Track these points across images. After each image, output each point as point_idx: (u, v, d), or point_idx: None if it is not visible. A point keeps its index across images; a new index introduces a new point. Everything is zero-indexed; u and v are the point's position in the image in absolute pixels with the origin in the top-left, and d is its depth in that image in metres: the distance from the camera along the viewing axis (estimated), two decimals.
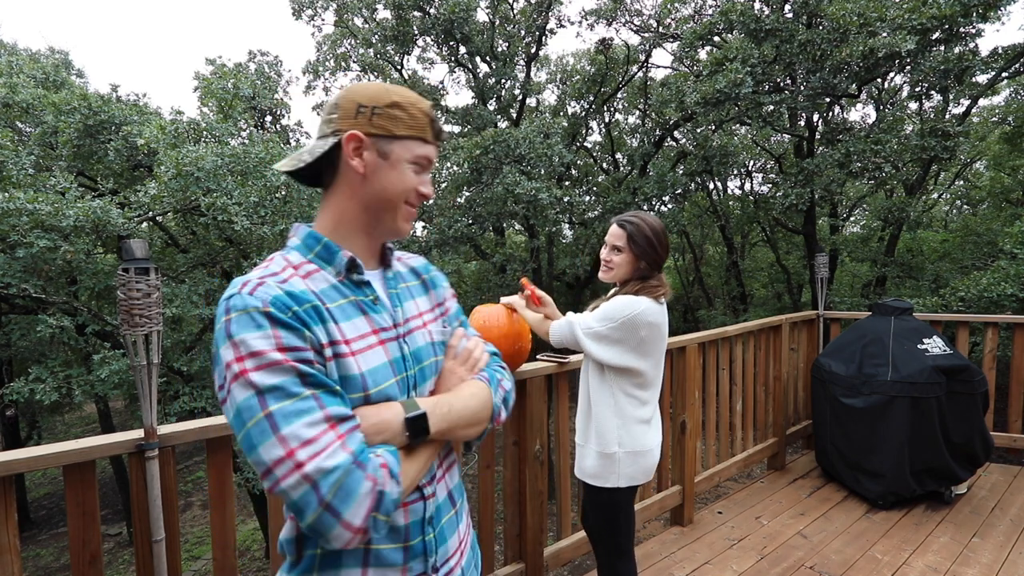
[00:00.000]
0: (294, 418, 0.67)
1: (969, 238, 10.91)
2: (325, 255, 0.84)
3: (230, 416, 0.70)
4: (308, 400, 0.69)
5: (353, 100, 0.82)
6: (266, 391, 0.68)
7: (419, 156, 0.86)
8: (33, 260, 6.03)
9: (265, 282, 0.75)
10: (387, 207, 0.86)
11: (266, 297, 0.72)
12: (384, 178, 0.84)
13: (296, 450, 0.66)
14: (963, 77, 7.91)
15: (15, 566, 1.25)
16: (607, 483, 1.72)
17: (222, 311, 0.72)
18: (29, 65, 9.08)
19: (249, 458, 0.69)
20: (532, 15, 10.73)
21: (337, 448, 0.68)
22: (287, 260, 0.82)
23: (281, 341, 0.70)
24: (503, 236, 13.31)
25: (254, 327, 0.70)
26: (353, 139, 0.81)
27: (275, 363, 0.69)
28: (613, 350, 1.68)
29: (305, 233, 0.86)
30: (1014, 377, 3.56)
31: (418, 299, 0.96)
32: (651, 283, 1.72)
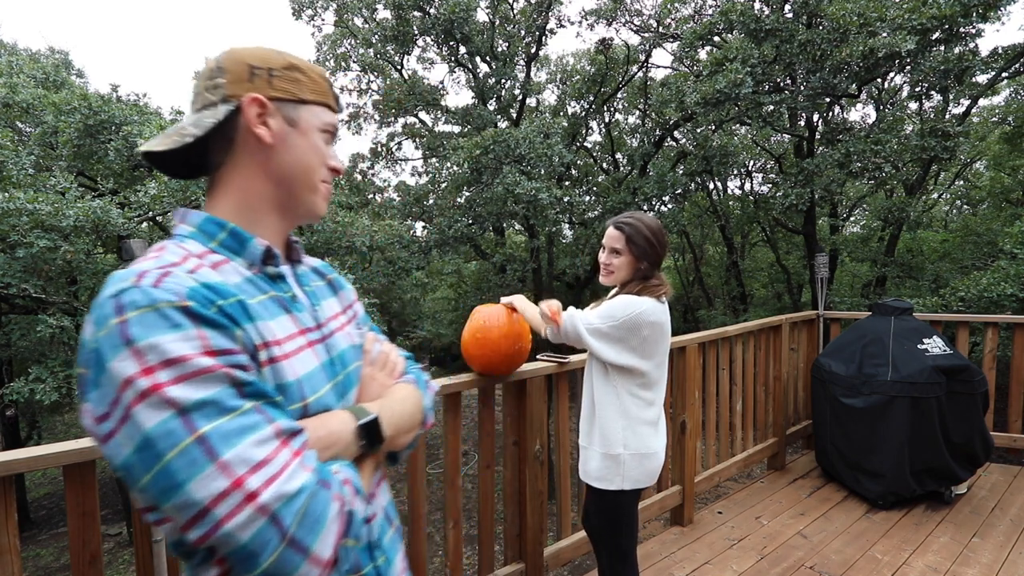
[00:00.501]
0: (237, 438, 0.53)
1: (969, 238, 10.92)
2: (232, 244, 0.69)
3: (125, 453, 0.53)
4: (251, 414, 0.55)
5: (242, 61, 0.70)
6: (192, 408, 0.52)
7: (327, 124, 0.76)
8: (33, 260, 6.02)
9: (171, 271, 0.59)
10: (303, 182, 0.74)
11: (181, 289, 0.57)
12: (297, 148, 0.73)
13: (246, 477, 0.52)
14: (963, 77, 7.92)
15: (15, 566, 1.25)
16: (611, 485, 1.71)
17: (109, 311, 0.54)
18: (29, 65, 9.08)
19: (166, 503, 0.52)
20: (532, 15, 10.73)
21: (297, 467, 0.56)
22: (184, 249, 0.66)
23: (209, 342, 0.56)
24: (503, 236, 13.31)
25: (168, 327, 0.54)
26: (256, 103, 0.69)
27: (203, 371, 0.54)
28: (615, 348, 1.67)
29: (201, 219, 0.70)
30: (1014, 377, 3.56)
31: (330, 300, 0.85)
32: (652, 283, 1.72)
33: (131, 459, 0.53)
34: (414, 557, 1.95)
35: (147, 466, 0.52)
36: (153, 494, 0.53)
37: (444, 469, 2.05)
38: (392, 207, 11.83)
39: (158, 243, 0.67)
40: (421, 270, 11.16)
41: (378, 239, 8.97)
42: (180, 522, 0.53)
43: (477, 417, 2.18)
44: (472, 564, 6.66)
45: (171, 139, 0.68)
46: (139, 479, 0.53)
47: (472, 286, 14.27)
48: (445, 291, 17.21)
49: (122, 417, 0.53)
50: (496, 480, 2.22)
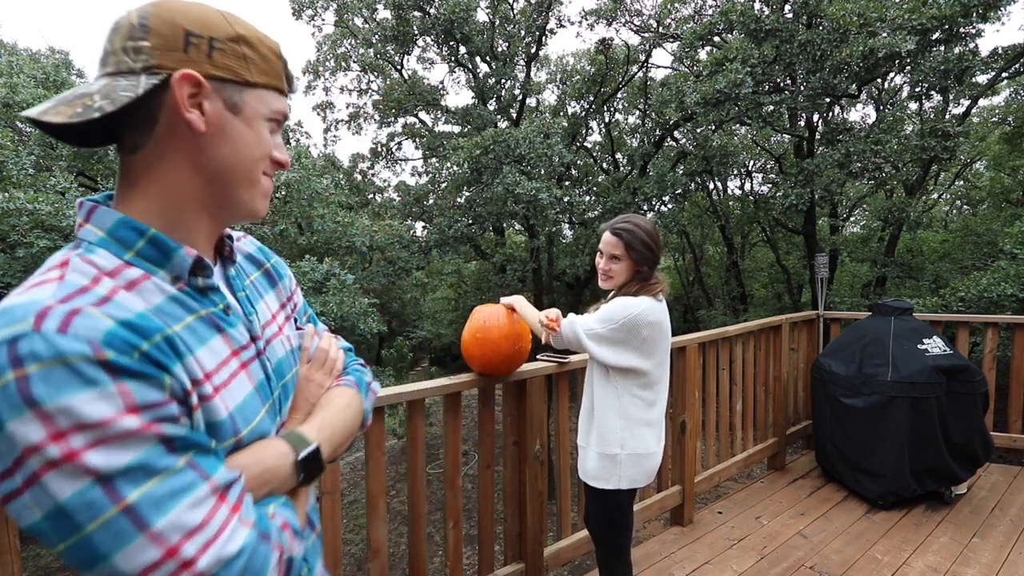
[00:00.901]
0: (169, 502, 0.48)
1: (969, 238, 10.92)
2: (154, 254, 0.58)
3: (33, 518, 0.46)
4: (184, 472, 0.50)
5: (175, 23, 0.56)
6: (116, 475, 0.46)
7: (276, 112, 0.64)
8: (33, 260, 6.03)
9: (80, 308, 0.49)
10: (242, 179, 0.62)
11: (95, 334, 0.47)
12: (237, 139, 0.61)
13: (181, 544, 0.48)
14: (963, 77, 7.92)
15: (15, 566, 1.25)
16: (608, 484, 1.72)
17: (5, 361, 0.45)
18: (29, 65, 9.08)
19: (87, 572, 0.47)
20: (532, 15, 10.73)
21: (236, 525, 0.52)
22: (93, 264, 0.54)
23: (132, 398, 0.48)
24: (503, 236, 13.31)
25: (81, 384, 0.46)
26: (190, 81, 0.56)
27: (127, 433, 0.47)
28: (615, 351, 1.68)
29: (114, 221, 0.57)
30: (1014, 377, 3.56)
31: (267, 297, 0.76)
32: (650, 283, 1.73)
33: (42, 525, 0.46)
34: (414, 557, 1.95)
35: (63, 535, 0.46)
36: (72, 561, 0.47)
37: (444, 469, 2.05)
38: (392, 207, 11.84)
39: (59, 254, 0.55)
40: (421, 270, 11.16)
41: (378, 239, 8.98)
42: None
43: (477, 417, 2.18)
44: (472, 564, 6.66)
45: (72, 109, 0.53)
46: (54, 544, 0.47)
47: (472, 286, 14.27)
48: (445, 291, 17.21)
49: (27, 481, 0.45)
50: (496, 480, 2.22)
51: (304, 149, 9.69)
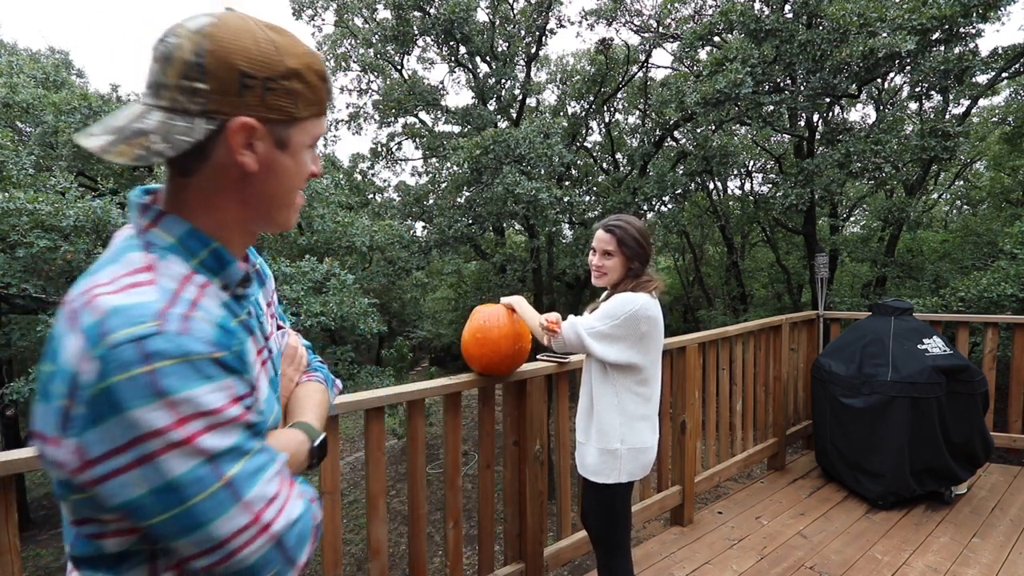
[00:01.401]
0: (255, 477, 0.57)
1: (969, 238, 10.92)
2: (213, 265, 0.63)
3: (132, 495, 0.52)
4: (261, 454, 0.59)
5: (231, 65, 0.57)
6: (219, 456, 0.54)
7: (316, 136, 0.67)
8: (33, 260, 6.03)
9: (192, 314, 0.56)
10: (281, 204, 0.67)
11: (208, 336, 0.56)
12: (281, 172, 0.64)
13: (262, 512, 0.57)
14: (963, 77, 7.92)
15: (15, 566, 1.25)
16: (609, 479, 1.76)
17: (132, 357, 0.51)
18: (29, 65, 9.08)
19: (184, 539, 0.54)
20: (532, 15, 10.73)
21: (295, 497, 0.62)
22: (173, 271, 0.60)
23: (234, 391, 0.57)
24: (503, 236, 13.31)
25: (200, 380, 0.53)
26: (245, 130, 0.59)
27: (232, 420, 0.56)
28: (617, 347, 1.71)
29: (184, 230, 0.62)
30: (1014, 377, 3.56)
31: (259, 297, 0.79)
32: (644, 279, 1.78)
33: (143, 500, 0.52)
34: (414, 557, 1.95)
35: (165, 507, 0.53)
36: (165, 531, 0.54)
37: (444, 469, 2.05)
38: (392, 207, 11.84)
39: (135, 253, 0.59)
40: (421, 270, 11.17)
41: (378, 239, 8.98)
42: (187, 552, 0.56)
43: (477, 417, 2.18)
44: (472, 564, 6.66)
45: (133, 150, 0.56)
46: (148, 518, 0.53)
47: (472, 286, 14.27)
48: (445, 291, 17.21)
49: (138, 461, 0.51)
50: (496, 480, 2.22)
51: None
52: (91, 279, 0.57)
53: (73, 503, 0.58)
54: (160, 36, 0.59)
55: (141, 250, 0.60)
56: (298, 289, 7.08)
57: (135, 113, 0.57)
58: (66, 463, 0.53)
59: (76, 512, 0.58)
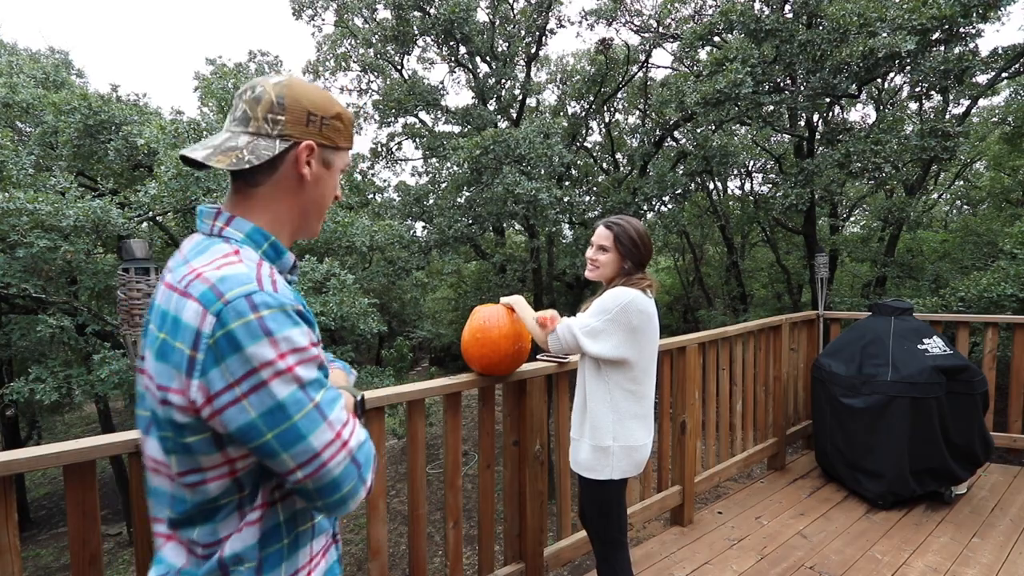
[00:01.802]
0: (333, 404, 0.75)
1: (969, 238, 10.91)
2: (272, 255, 0.84)
3: (256, 413, 0.68)
4: (333, 389, 0.77)
5: (303, 106, 0.82)
6: (308, 384, 0.72)
7: (346, 165, 0.93)
8: (33, 260, 6.03)
9: (276, 280, 0.76)
10: (319, 212, 0.91)
11: (290, 295, 0.76)
12: (324, 186, 0.88)
13: (341, 431, 0.75)
14: (963, 77, 7.91)
15: (15, 566, 1.25)
16: (601, 475, 1.78)
17: (245, 308, 0.69)
18: (29, 65, 9.08)
19: (287, 451, 0.70)
20: (532, 15, 10.73)
21: (358, 424, 0.80)
22: (250, 254, 0.79)
23: (312, 336, 0.76)
24: (503, 236, 13.31)
25: (292, 324, 0.72)
26: (309, 148, 0.83)
27: (313, 358, 0.74)
28: (609, 342, 1.73)
29: (249, 227, 0.82)
30: (1014, 377, 3.56)
31: None
32: (636, 277, 1.81)
33: (256, 421, 0.69)
34: (414, 557, 1.95)
35: (275, 424, 0.69)
36: (272, 447, 0.70)
37: (444, 469, 2.05)
38: (392, 207, 11.84)
39: (221, 245, 0.78)
40: (421, 270, 11.16)
41: (378, 239, 8.97)
42: (289, 466, 0.71)
43: (477, 417, 2.18)
44: (472, 564, 6.66)
45: (228, 159, 0.78)
46: (259, 437, 0.69)
47: (472, 286, 14.27)
48: (445, 291, 17.21)
49: (253, 389, 0.68)
50: (496, 480, 2.22)
51: None
52: (188, 266, 0.75)
53: (181, 454, 0.73)
54: (249, 87, 0.82)
55: (223, 242, 0.79)
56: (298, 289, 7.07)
57: (226, 136, 0.81)
58: (194, 401, 0.69)
59: (181, 464, 0.73)
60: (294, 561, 0.81)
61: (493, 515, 2.21)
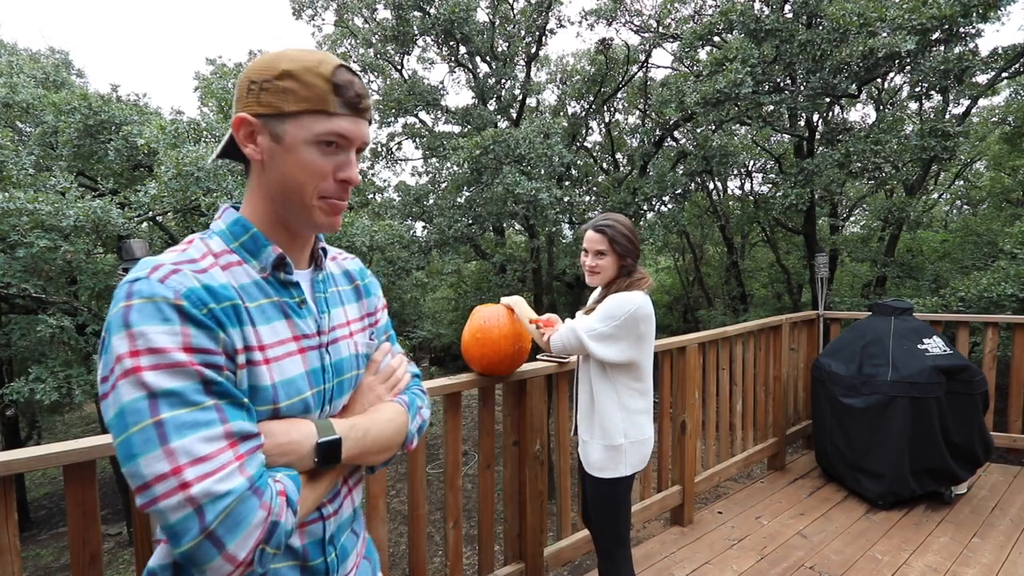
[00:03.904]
0: (188, 431, 0.59)
1: (969, 238, 10.91)
2: (252, 247, 0.74)
3: (109, 415, 0.60)
4: (209, 411, 0.61)
5: (246, 77, 0.71)
6: (160, 395, 0.59)
7: (322, 134, 0.71)
8: (33, 260, 6.02)
9: (181, 269, 0.65)
10: (291, 199, 0.73)
11: (179, 288, 0.63)
12: (280, 165, 0.72)
13: (184, 468, 0.58)
14: (963, 77, 7.91)
15: (15, 566, 1.25)
16: (615, 473, 1.80)
17: (122, 294, 0.62)
18: (29, 65, 9.08)
19: (123, 467, 0.59)
20: (532, 15, 10.72)
21: (234, 470, 0.60)
22: (207, 246, 0.72)
23: (190, 340, 0.62)
24: (503, 236, 13.30)
25: (159, 320, 0.61)
26: (241, 124, 0.71)
27: (177, 364, 0.60)
28: (617, 347, 1.74)
29: (232, 219, 0.75)
30: (1014, 377, 3.56)
31: (348, 306, 0.88)
32: (636, 276, 1.82)
33: (112, 421, 0.60)
34: (414, 557, 1.95)
35: (118, 432, 0.59)
36: (119, 456, 0.60)
37: (444, 469, 2.05)
38: (392, 207, 11.83)
39: (192, 235, 0.74)
40: (421, 270, 11.15)
41: (378, 239, 8.97)
42: (132, 487, 0.60)
43: (477, 417, 2.18)
44: (472, 564, 6.66)
45: (218, 149, 0.77)
46: (114, 439, 0.60)
47: (472, 286, 14.25)
48: (445, 291, 17.19)
49: (112, 385, 0.60)
50: (496, 480, 2.22)
51: None
52: None
53: None
54: None
55: (199, 234, 0.75)
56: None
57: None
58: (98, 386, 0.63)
59: None
60: None
61: (493, 515, 2.21)
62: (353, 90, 0.72)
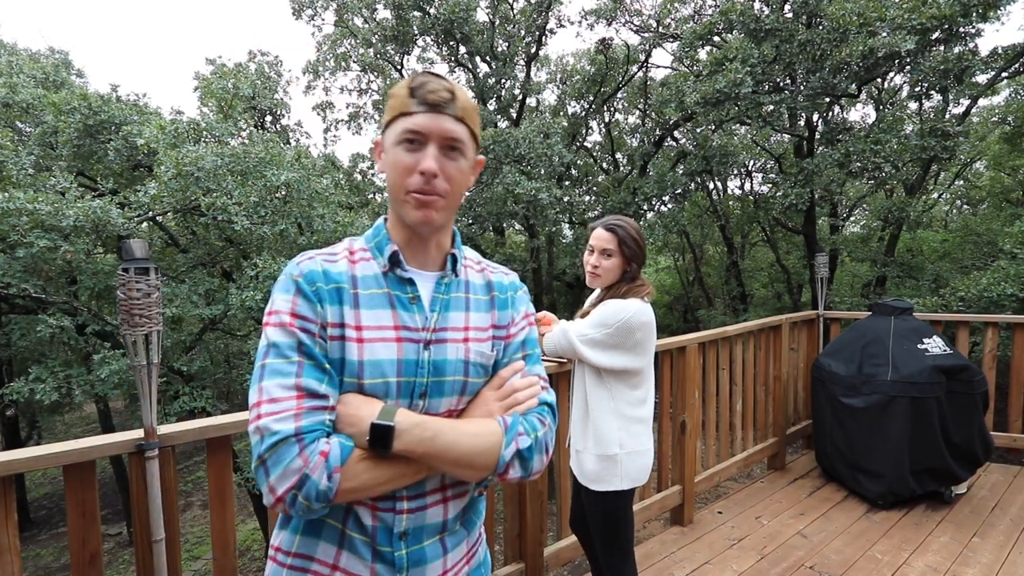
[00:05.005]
0: (274, 376, 0.74)
1: (969, 238, 10.91)
2: (380, 246, 0.87)
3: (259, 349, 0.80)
4: (292, 365, 0.75)
5: None
6: (270, 345, 0.77)
7: (403, 132, 0.81)
8: (33, 260, 6.02)
9: (315, 258, 0.83)
10: (394, 197, 0.84)
11: (304, 269, 0.81)
12: (386, 167, 0.85)
13: (262, 403, 0.73)
14: (963, 77, 7.90)
15: (15, 566, 1.25)
16: (610, 486, 1.72)
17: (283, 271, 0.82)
18: (29, 65, 9.07)
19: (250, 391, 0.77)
20: (532, 15, 10.72)
21: (289, 417, 0.72)
22: (350, 244, 0.89)
23: (296, 308, 0.78)
24: (503, 236, 13.30)
25: (283, 289, 0.79)
26: (375, 145, 0.89)
27: (283, 324, 0.77)
28: (611, 354, 1.69)
29: (377, 224, 0.90)
30: (1014, 377, 3.56)
31: (473, 313, 0.90)
32: (637, 284, 1.76)
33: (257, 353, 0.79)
34: None
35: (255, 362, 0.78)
36: None
37: None
38: None
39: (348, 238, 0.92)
40: None
41: None
42: None
43: None
44: None
45: None
46: None
47: None
48: None
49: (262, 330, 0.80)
50: None
51: (304, 149, 9.68)
52: None
53: None
54: None
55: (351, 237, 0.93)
56: None
57: None
58: None
59: None
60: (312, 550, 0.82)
61: (493, 515, 2.21)
62: (426, 88, 0.80)
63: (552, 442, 0.90)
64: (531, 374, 0.93)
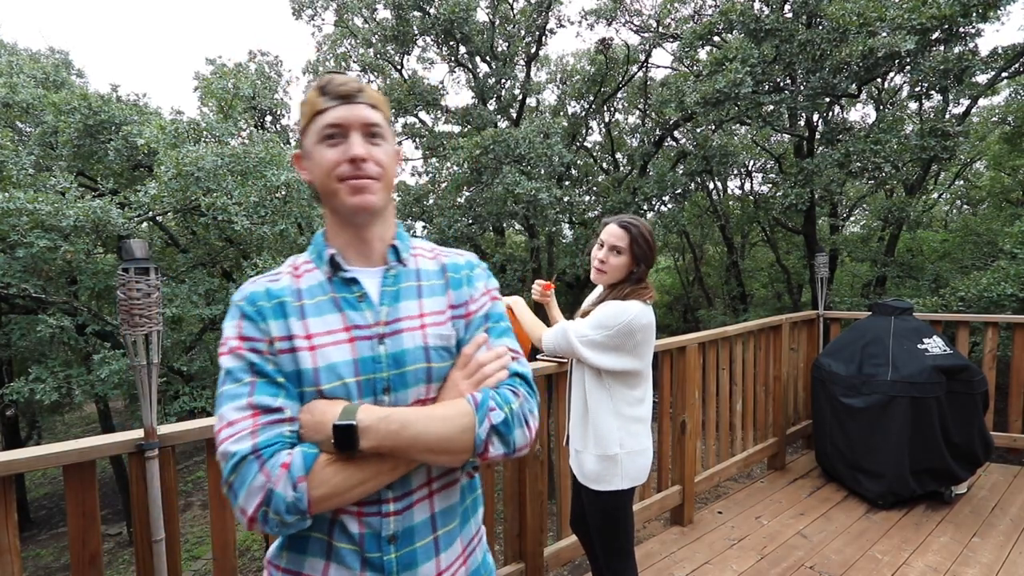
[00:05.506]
0: (229, 400, 0.75)
1: (969, 238, 10.90)
2: (319, 254, 0.87)
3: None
4: (245, 386, 0.76)
5: None
6: (226, 373, 0.77)
7: (323, 128, 0.82)
8: (33, 260, 6.03)
9: (257, 281, 0.84)
10: (327, 193, 0.84)
11: (245, 293, 0.82)
12: (312, 172, 0.85)
13: (222, 428, 0.74)
14: (963, 77, 7.90)
15: (15, 566, 1.25)
16: (610, 486, 1.72)
17: None
18: (29, 65, 9.07)
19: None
20: (532, 15, 10.72)
21: (246, 436, 0.73)
22: (295, 261, 0.89)
23: (242, 331, 0.79)
24: (503, 236, 13.30)
25: (230, 318, 0.81)
26: (295, 159, 0.90)
27: (233, 350, 0.78)
28: (609, 356, 1.69)
29: (317, 235, 0.91)
30: (1014, 377, 3.56)
31: (426, 299, 0.88)
32: (640, 287, 1.75)
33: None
34: None
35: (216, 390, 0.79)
36: None
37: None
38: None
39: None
40: None
41: None
42: None
43: None
44: None
45: None
46: None
47: None
48: None
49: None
50: (496, 480, 2.22)
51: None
52: None
53: None
54: None
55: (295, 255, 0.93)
56: None
57: None
58: None
59: None
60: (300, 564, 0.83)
61: (493, 515, 2.21)
62: (335, 83, 0.82)
63: (533, 414, 0.85)
64: (497, 346, 0.89)
